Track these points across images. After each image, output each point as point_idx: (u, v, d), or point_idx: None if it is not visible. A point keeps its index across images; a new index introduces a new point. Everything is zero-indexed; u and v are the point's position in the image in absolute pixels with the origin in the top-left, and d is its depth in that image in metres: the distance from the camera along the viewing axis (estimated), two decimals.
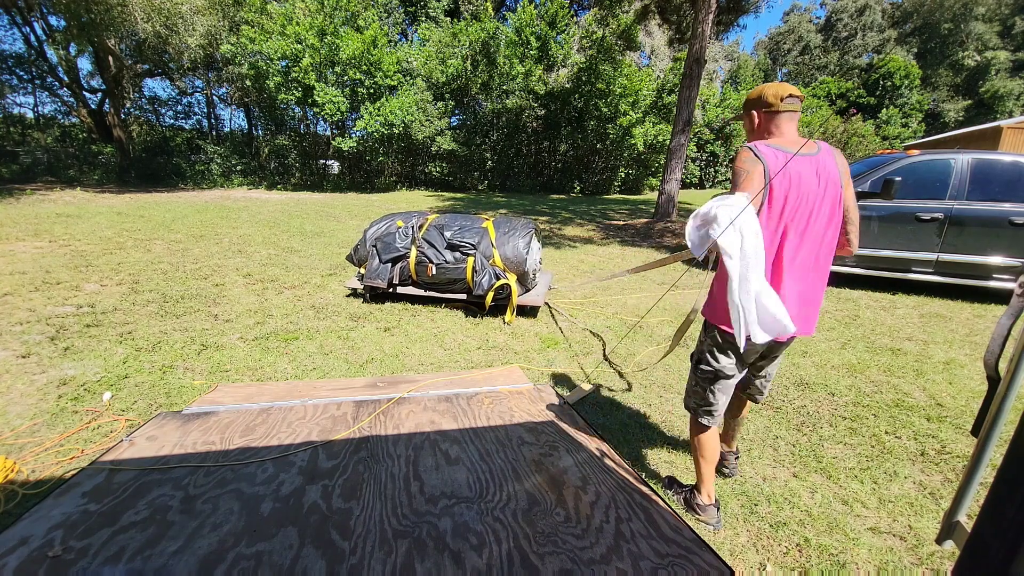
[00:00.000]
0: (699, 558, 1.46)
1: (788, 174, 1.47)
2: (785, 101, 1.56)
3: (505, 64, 16.84)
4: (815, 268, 1.57)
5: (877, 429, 2.47)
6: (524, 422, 2.31)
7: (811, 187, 1.49)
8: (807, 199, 1.49)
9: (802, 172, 1.49)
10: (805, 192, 1.49)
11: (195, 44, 14.39)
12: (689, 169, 21.74)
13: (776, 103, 1.57)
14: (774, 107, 1.57)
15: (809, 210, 1.50)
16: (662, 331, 3.81)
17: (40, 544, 1.47)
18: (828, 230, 1.55)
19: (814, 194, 1.50)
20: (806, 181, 1.49)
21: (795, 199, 1.48)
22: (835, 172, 1.53)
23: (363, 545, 1.50)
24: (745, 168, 1.48)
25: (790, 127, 1.59)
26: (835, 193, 1.53)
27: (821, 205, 1.51)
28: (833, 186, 1.52)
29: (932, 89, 38.00)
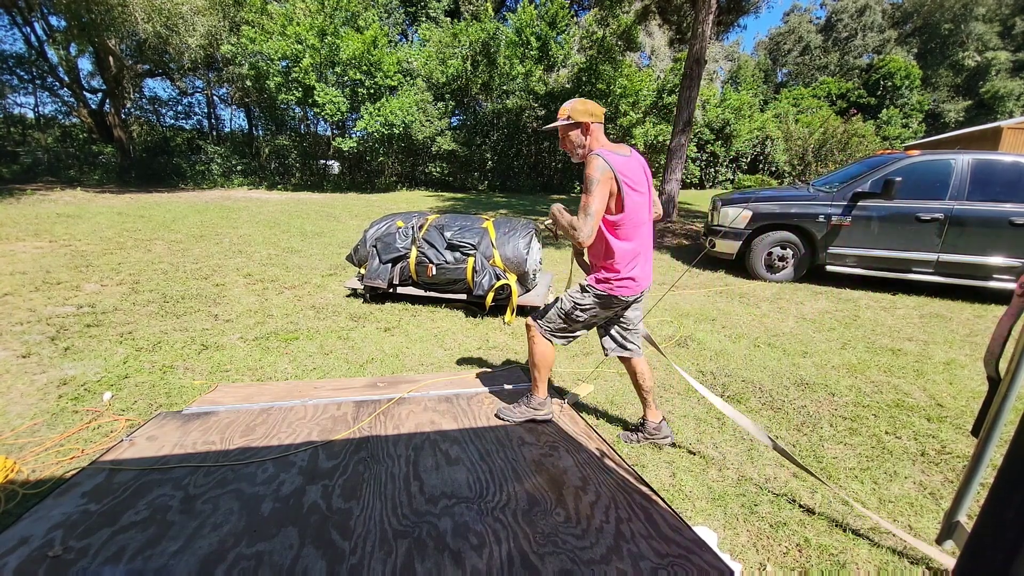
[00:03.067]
0: (699, 558, 1.46)
1: (629, 172, 1.93)
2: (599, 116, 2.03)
3: (505, 64, 16.84)
4: (650, 234, 2.11)
5: (877, 429, 2.47)
6: (524, 421, 2.31)
7: (641, 178, 2.00)
8: (641, 187, 1.99)
9: (637, 170, 2.00)
10: (639, 182, 1.98)
11: (195, 44, 14.39)
12: (689, 169, 21.71)
13: (600, 116, 2.02)
14: (598, 118, 2.02)
15: (644, 194, 2.01)
16: (662, 331, 3.81)
17: (40, 544, 1.47)
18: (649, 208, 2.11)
19: (644, 183, 2.02)
20: (641, 176, 2.01)
21: (638, 187, 1.97)
22: (645, 163, 2.08)
23: (363, 545, 1.50)
24: (595, 176, 1.84)
25: (603, 137, 2.06)
26: (650, 179, 2.10)
27: (648, 191, 2.06)
28: (649, 174, 2.09)
29: (932, 89, 37.99)
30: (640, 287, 2.08)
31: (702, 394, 2.23)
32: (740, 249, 5.64)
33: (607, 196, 1.88)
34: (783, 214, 5.44)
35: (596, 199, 1.84)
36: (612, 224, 1.97)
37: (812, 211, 5.31)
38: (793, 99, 31.81)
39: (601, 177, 1.84)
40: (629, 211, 1.94)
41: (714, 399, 2.19)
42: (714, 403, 2.17)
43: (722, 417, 2.53)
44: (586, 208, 1.84)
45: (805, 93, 33.21)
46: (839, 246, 5.26)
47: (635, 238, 2.00)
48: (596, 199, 1.84)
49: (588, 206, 1.84)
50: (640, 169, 2.02)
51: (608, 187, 1.87)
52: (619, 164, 1.89)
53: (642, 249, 2.05)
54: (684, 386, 2.88)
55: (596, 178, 1.84)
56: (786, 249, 5.49)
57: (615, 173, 1.87)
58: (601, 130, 2.04)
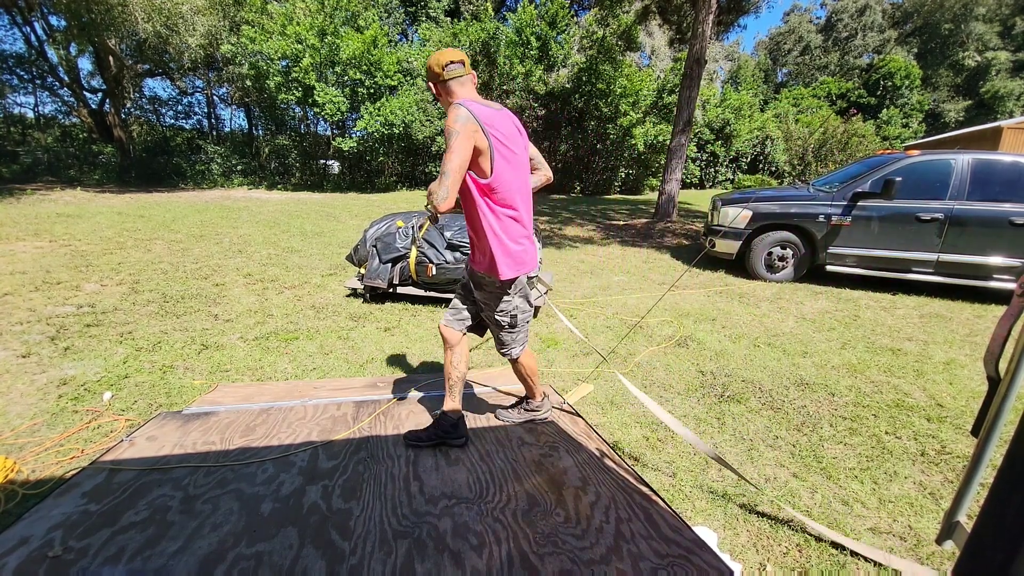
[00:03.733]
0: (699, 558, 1.46)
1: (502, 127, 1.68)
2: (447, 69, 1.69)
3: (505, 64, 16.83)
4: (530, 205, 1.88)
5: (877, 429, 2.47)
6: (524, 422, 2.31)
7: (515, 134, 1.76)
8: (515, 144, 1.75)
9: (509, 124, 1.74)
10: (512, 138, 1.73)
11: (195, 44, 14.39)
12: (689, 169, 21.71)
13: (441, 72, 1.69)
14: (441, 77, 1.71)
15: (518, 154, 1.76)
16: (662, 331, 3.81)
17: (40, 544, 1.46)
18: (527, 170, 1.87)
19: (519, 142, 1.78)
20: (514, 131, 1.76)
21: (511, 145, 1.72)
22: (518, 125, 1.82)
23: (363, 545, 1.50)
24: (455, 128, 1.57)
25: (463, 91, 1.73)
26: (526, 138, 1.85)
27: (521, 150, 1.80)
28: (523, 135, 1.83)
29: (932, 89, 37.99)
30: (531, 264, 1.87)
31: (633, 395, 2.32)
32: (740, 249, 5.64)
33: (470, 151, 1.59)
34: (783, 214, 5.44)
35: (455, 154, 1.56)
36: (486, 189, 1.69)
37: (812, 211, 5.31)
38: (793, 99, 31.81)
39: (462, 129, 1.56)
40: (500, 172, 1.67)
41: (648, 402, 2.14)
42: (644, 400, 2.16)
43: (722, 417, 2.53)
44: (443, 165, 1.57)
45: (805, 93, 33.22)
46: (839, 246, 5.26)
47: (516, 204, 1.76)
48: (455, 154, 1.56)
49: (446, 163, 1.57)
50: (512, 125, 1.76)
51: (471, 141, 1.58)
52: (486, 115, 1.62)
53: (525, 217, 1.81)
54: (684, 386, 2.88)
55: (455, 130, 1.56)
56: (786, 249, 5.49)
57: (481, 124, 1.59)
58: (463, 82, 1.72)
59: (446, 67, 1.69)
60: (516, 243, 1.79)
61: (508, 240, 1.76)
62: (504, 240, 1.76)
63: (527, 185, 1.83)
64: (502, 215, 1.74)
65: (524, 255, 1.83)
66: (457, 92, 1.72)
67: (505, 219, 1.75)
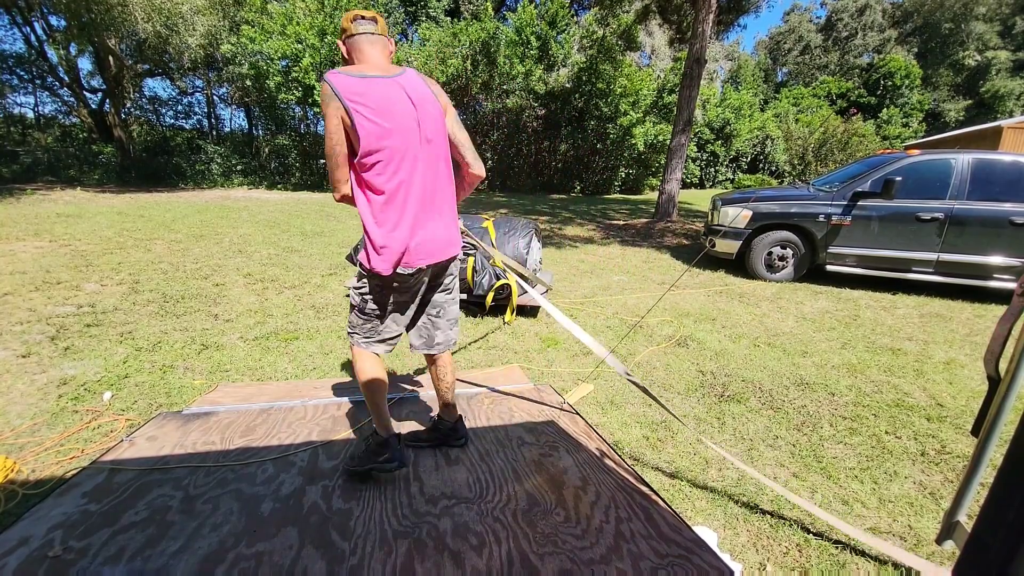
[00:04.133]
0: (699, 558, 1.46)
1: (373, 97, 1.42)
2: (356, 23, 1.54)
3: (505, 64, 16.83)
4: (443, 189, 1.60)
5: (877, 429, 2.47)
6: (524, 422, 2.31)
7: (403, 116, 1.46)
8: (391, 117, 1.44)
9: (389, 94, 1.45)
10: (387, 111, 1.44)
11: (195, 44, 14.38)
12: (689, 169, 21.72)
13: (350, 27, 1.54)
14: (348, 31, 1.55)
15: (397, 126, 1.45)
16: (662, 331, 3.81)
17: (40, 544, 1.47)
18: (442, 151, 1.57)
19: (404, 113, 1.46)
20: (396, 101, 1.45)
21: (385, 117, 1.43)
22: (427, 90, 1.53)
23: (363, 545, 1.50)
24: (322, 108, 1.44)
25: (372, 51, 1.54)
26: (437, 114, 1.53)
27: (423, 124, 1.49)
28: (432, 106, 1.52)
29: (932, 89, 37.98)
30: (407, 259, 1.53)
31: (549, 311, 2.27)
32: (740, 249, 5.64)
33: (339, 131, 1.43)
34: (783, 214, 5.44)
35: (326, 137, 1.45)
36: (356, 168, 1.49)
37: (812, 211, 5.31)
38: (793, 99, 31.83)
39: (325, 108, 1.42)
40: (367, 146, 1.43)
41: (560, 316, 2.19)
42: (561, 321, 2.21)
43: (722, 417, 2.53)
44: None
45: (805, 93, 33.23)
46: (839, 246, 5.26)
47: (388, 188, 1.48)
48: (326, 137, 1.45)
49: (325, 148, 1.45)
50: (396, 93, 1.46)
51: (336, 118, 1.42)
52: (351, 85, 1.41)
53: (406, 203, 1.50)
54: (684, 386, 2.88)
55: (323, 111, 1.43)
56: (786, 249, 5.49)
57: (340, 99, 1.39)
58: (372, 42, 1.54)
59: (354, 21, 1.54)
60: (386, 233, 1.49)
61: (376, 227, 1.49)
62: (370, 227, 1.50)
63: (416, 164, 1.50)
64: (372, 199, 1.49)
65: (394, 247, 1.50)
66: (364, 52, 1.53)
67: (376, 203, 1.49)
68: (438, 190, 1.59)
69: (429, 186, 1.55)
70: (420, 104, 1.50)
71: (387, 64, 1.57)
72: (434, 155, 1.55)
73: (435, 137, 1.54)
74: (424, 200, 1.55)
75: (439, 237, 1.61)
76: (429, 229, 1.57)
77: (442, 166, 1.59)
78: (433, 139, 1.54)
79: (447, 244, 1.67)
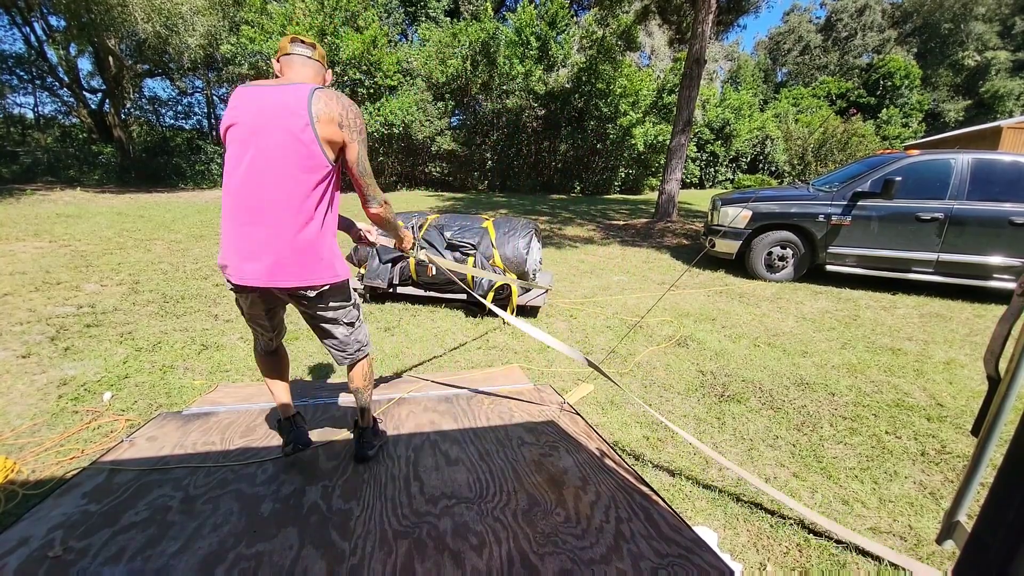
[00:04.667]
0: (699, 558, 1.46)
1: (238, 105, 1.39)
2: (292, 45, 1.55)
3: (505, 64, 16.83)
4: (268, 204, 1.37)
5: (877, 429, 2.47)
6: (524, 422, 2.31)
7: (257, 115, 1.37)
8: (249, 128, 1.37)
9: (260, 102, 1.38)
10: (249, 120, 1.37)
11: (195, 44, 14.39)
12: (689, 169, 21.73)
13: (285, 47, 1.54)
14: (283, 51, 1.55)
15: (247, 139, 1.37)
16: (662, 331, 3.81)
17: (40, 544, 1.47)
18: (279, 162, 1.37)
19: (256, 123, 1.36)
20: (255, 110, 1.37)
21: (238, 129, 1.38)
22: (298, 102, 1.36)
23: (363, 546, 1.50)
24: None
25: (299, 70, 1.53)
26: (291, 124, 1.35)
27: (268, 134, 1.35)
28: (290, 115, 1.35)
29: (932, 89, 37.98)
30: (230, 272, 1.45)
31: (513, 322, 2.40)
32: (740, 249, 5.65)
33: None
34: (783, 214, 5.44)
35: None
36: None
37: (812, 211, 5.31)
38: (793, 99, 31.83)
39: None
40: (226, 157, 1.42)
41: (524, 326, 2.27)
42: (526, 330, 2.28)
43: (722, 417, 2.53)
44: None
45: (805, 93, 33.24)
46: (839, 246, 5.26)
47: (228, 199, 1.42)
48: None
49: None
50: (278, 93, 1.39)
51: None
52: (239, 93, 1.41)
53: (234, 214, 1.41)
54: (684, 386, 2.88)
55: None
56: (786, 249, 5.49)
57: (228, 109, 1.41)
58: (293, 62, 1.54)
59: (291, 43, 1.55)
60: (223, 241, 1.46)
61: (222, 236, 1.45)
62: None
63: (254, 177, 1.37)
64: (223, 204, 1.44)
65: (224, 257, 1.45)
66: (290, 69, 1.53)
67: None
68: (268, 204, 1.38)
69: (253, 196, 1.38)
70: (277, 112, 1.36)
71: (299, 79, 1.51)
72: (269, 165, 1.36)
73: (279, 147, 1.36)
74: (242, 210, 1.39)
75: (249, 254, 1.40)
76: (242, 243, 1.40)
77: (278, 179, 1.37)
78: (274, 146, 1.36)
79: (275, 271, 1.42)
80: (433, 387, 2.67)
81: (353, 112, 1.48)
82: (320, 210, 1.47)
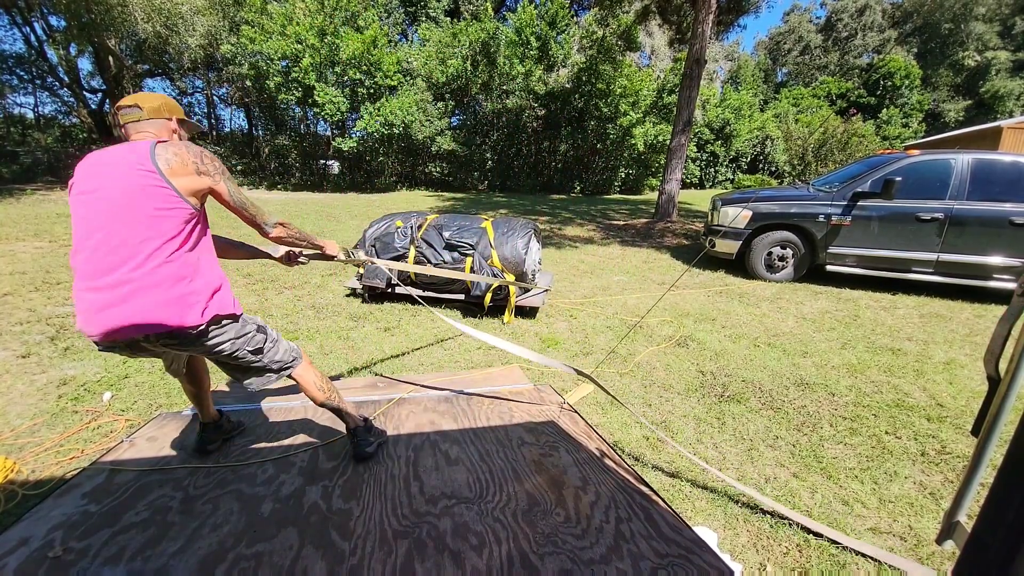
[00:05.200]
0: (699, 558, 1.46)
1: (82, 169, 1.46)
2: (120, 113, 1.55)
3: (505, 64, 16.84)
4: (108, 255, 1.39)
5: (877, 429, 2.47)
6: (524, 422, 2.31)
7: (92, 172, 1.44)
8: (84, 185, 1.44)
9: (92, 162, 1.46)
10: (83, 179, 1.44)
11: (195, 44, 14.40)
12: (689, 169, 21.74)
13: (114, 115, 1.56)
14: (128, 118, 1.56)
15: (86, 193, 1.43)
16: (662, 331, 3.81)
17: (40, 545, 1.47)
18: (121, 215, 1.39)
19: (93, 182, 1.42)
20: (92, 171, 1.44)
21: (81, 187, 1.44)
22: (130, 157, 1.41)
23: (363, 546, 1.50)
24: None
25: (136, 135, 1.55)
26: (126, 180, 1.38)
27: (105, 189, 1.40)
28: (124, 170, 1.40)
29: (932, 89, 37.99)
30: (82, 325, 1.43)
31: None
32: (740, 249, 5.64)
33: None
34: (783, 214, 5.44)
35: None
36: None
37: (812, 211, 5.31)
38: (793, 99, 31.85)
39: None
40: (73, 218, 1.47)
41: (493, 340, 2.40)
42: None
43: (722, 417, 2.53)
44: None
45: (805, 93, 33.25)
46: (839, 246, 5.26)
47: (76, 254, 1.44)
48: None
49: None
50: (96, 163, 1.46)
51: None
52: (79, 165, 1.49)
53: (78, 271, 1.43)
54: (684, 386, 2.88)
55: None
56: (786, 249, 5.49)
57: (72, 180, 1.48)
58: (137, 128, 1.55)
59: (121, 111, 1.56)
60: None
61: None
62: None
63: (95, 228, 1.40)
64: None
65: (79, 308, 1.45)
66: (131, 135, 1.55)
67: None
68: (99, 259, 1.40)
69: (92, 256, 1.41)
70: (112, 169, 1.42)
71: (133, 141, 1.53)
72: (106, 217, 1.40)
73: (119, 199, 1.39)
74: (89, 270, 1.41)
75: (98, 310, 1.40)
76: (92, 299, 1.41)
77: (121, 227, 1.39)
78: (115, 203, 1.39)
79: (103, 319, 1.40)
80: (433, 387, 2.67)
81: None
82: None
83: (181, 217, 1.46)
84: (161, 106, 1.58)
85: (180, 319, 1.44)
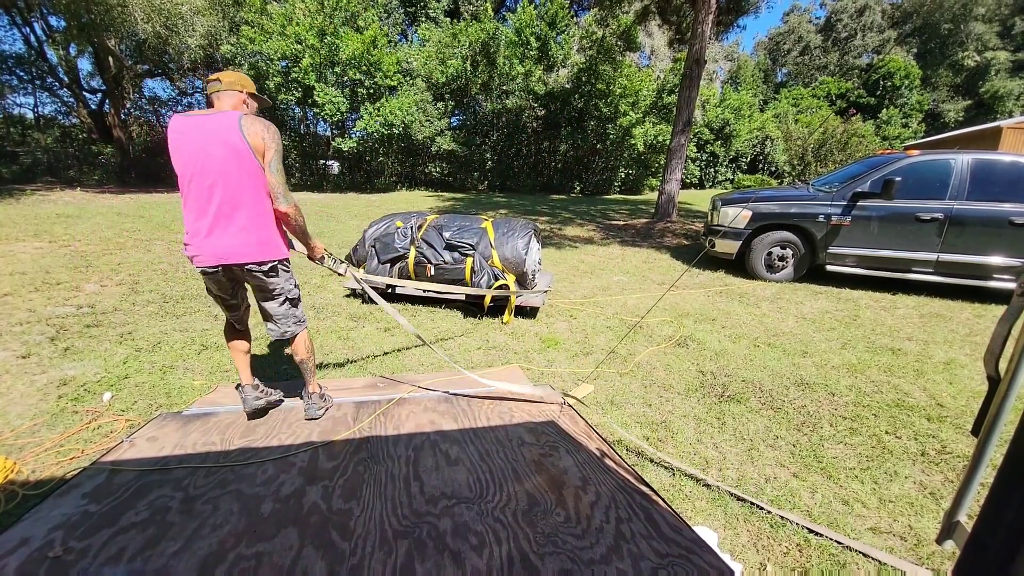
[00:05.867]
0: (699, 558, 1.46)
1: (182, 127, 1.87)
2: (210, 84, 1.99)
3: (505, 64, 16.84)
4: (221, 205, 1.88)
5: (877, 429, 2.47)
6: (524, 422, 2.31)
7: (194, 138, 1.86)
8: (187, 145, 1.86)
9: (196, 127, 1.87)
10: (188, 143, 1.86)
11: (195, 44, 14.37)
12: (689, 169, 21.74)
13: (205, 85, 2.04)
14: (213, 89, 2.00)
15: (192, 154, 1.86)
16: (662, 331, 3.81)
17: (40, 545, 1.47)
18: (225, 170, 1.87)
19: (195, 143, 1.85)
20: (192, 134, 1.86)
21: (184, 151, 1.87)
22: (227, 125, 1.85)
23: (363, 546, 1.50)
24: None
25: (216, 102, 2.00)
26: (225, 139, 1.84)
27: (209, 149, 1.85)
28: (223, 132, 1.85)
29: (932, 89, 37.99)
30: (195, 256, 1.91)
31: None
32: (740, 249, 5.65)
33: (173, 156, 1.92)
34: (783, 214, 5.44)
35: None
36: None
37: (812, 211, 5.31)
38: (793, 99, 31.85)
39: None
40: (177, 168, 1.91)
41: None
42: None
43: (722, 417, 2.53)
44: None
45: (805, 93, 33.25)
46: (839, 246, 5.26)
47: (185, 199, 1.93)
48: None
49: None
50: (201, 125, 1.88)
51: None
52: (177, 123, 1.88)
53: (194, 212, 1.91)
54: (684, 386, 2.88)
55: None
56: (786, 249, 5.49)
57: (168, 133, 1.90)
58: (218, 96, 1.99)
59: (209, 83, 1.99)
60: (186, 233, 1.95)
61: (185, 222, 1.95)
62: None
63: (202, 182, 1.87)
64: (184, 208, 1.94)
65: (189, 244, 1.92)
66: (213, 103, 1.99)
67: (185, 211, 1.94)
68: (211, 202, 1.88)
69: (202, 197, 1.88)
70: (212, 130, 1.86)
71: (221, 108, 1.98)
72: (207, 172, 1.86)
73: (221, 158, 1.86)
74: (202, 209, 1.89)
75: (212, 243, 1.90)
76: (208, 237, 1.89)
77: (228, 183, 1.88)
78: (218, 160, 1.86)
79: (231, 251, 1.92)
80: (433, 387, 2.67)
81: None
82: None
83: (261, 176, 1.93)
84: (235, 81, 2.01)
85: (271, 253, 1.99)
